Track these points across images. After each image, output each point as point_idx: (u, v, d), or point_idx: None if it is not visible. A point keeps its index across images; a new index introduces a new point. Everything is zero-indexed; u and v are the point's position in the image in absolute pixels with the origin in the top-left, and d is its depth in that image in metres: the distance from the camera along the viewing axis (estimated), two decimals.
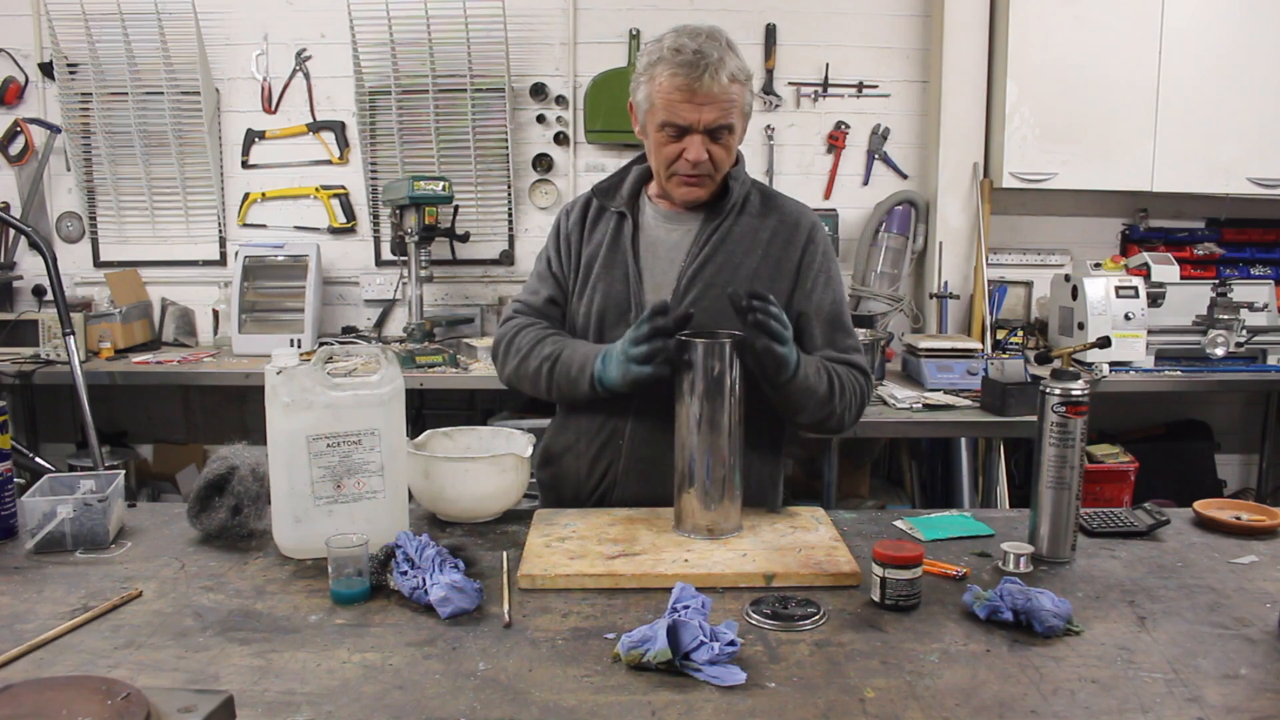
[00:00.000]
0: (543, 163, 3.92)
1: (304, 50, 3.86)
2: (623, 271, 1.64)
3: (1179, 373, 3.40)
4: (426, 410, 3.84)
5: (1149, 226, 4.01)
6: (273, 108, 3.90)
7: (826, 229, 1.71)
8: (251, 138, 3.90)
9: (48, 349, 3.39)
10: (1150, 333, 3.41)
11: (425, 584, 1.20)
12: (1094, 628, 1.15)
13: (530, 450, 1.61)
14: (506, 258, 3.99)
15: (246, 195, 3.93)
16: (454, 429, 1.71)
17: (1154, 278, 3.59)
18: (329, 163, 3.93)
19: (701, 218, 1.65)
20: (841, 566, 1.30)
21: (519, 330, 1.69)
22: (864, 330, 3.06)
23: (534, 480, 1.79)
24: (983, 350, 3.37)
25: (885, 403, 3.01)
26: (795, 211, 1.69)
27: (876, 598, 1.21)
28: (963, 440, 3.37)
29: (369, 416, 1.38)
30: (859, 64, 3.90)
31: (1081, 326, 3.44)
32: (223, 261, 3.97)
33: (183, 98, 3.82)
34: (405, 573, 1.23)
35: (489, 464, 1.53)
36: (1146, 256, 3.74)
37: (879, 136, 3.94)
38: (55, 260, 3.05)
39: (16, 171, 3.87)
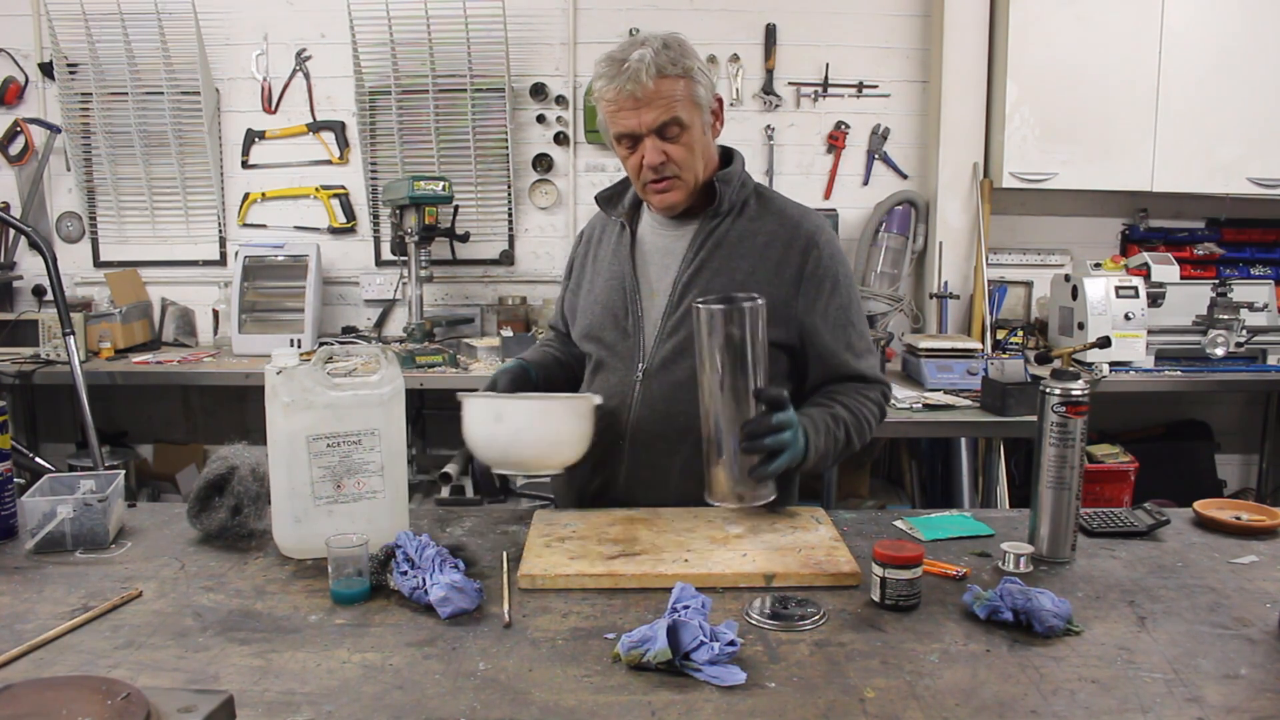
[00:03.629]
0: (543, 163, 3.92)
1: (304, 50, 3.86)
2: (620, 280, 1.66)
3: (1179, 373, 3.40)
4: (426, 410, 3.84)
5: (1149, 226, 4.01)
6: (273, 108, 3.90)
7: (831, 231, 1.66)
8: (251, 138, 3.91)
9: (48, 349, 3.39)
10: (1150, 333, 3.41)
11: (425, 584, 1.20)
12: (1094, 628, 1.15)
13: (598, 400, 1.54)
14: (506, 258, 3.99)
15: (246, 195, 3.94)
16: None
17: (1154, 278, 3.59)
18: (329, 163, 3.93)
19: (697, 223, 1.64)
20: (841, 566, 1.30)
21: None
22: None
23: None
24: (983, 350, 3.38)
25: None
26: (796, 215, 1.65)
27: (876, 598, 1.21)
28: (963, 440, 3.37)
29: (369, 416, 1.38)
30: (859, 64, 3.90)
31: (1081, 326, 3.44)
32: (223, 261, 3.97)
33: (183, 98, 3.82)
34: (405, 573, 1.23)
35: (567, 404, 1.46)
36: (1146, 256, 3.74)
37: (879, 136, 3.94)
38: (55, 260, 3.06)
39: (16, 171, 3.88)
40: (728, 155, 1.68)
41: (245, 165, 3.93)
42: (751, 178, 1.69)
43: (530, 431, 1.42)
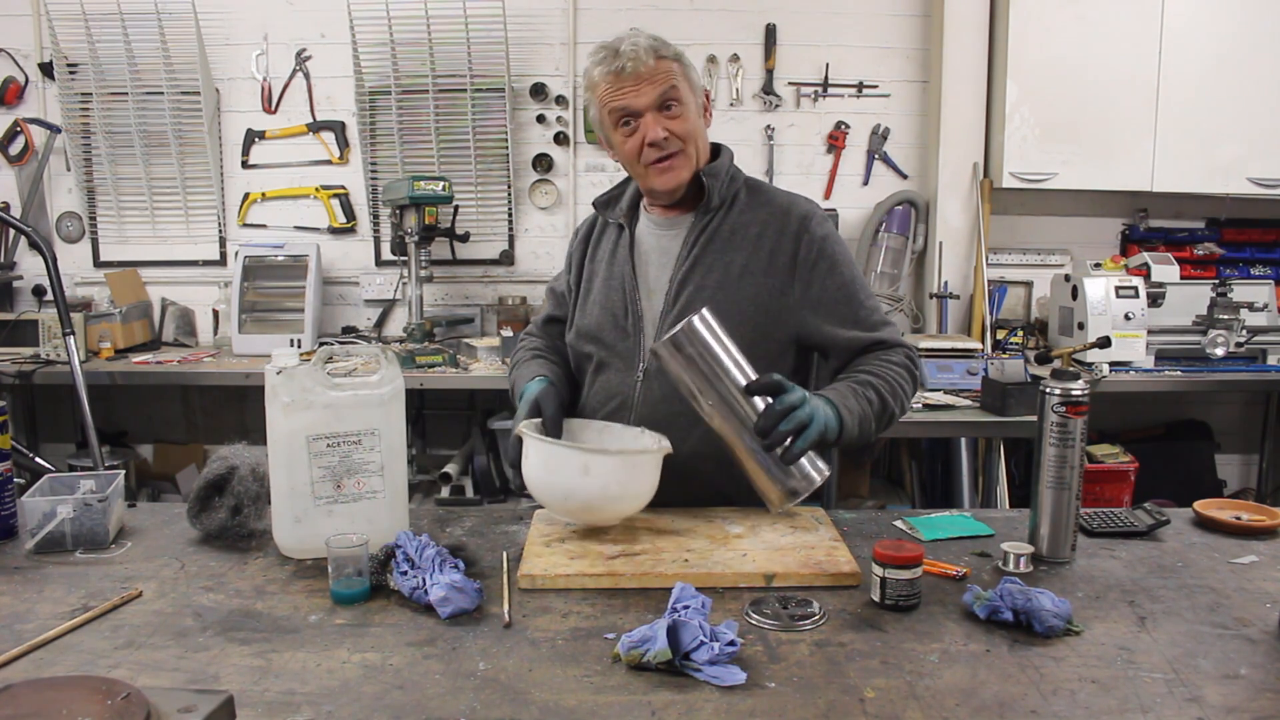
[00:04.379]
0: (543, 163, 3.92)
1: (304, 50, 3.86)
2: (619, 281, 1.66)
3: (1179, 373, 3.40)
4: (426, 410, 3.85)
5: (1149, 226, 4.01)
6: (273, 108, 3.90)
7: (823, 214, 1.65)
8: (251, 138, 3.91)
9: (48, 349, 3.39)
10: (1150, 333, 3.42)
11: (425, 584, 1.20)
12: (1094, 628, 1.15)
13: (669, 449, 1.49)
14: (506, 258, 3.99)
15: (246, 195, 3.94)
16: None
17: (1154, 278, 3.60)
18: (329, 163, 3.93)
19: (690, 221, 1.64)
20: (841, 566, 1.30)
21: (517, 349, 1.83)
22: None
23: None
24: (983, 350, 3.38)
25: None
26: (785, 202, 1.65)
27: (876, 598, 1.21)
28: (963, 440, 3.37)
29: (369, 416, 1.38)
30: (859, 64, 3.90)
31: (1081, 326, 3.45)
32: (223, 261, 3.97)
33: (183, 98, 3.83)
34: (405, 573, 1.23)
35: (653, 459, 1.42)
36: (1146, 256, 3.75)
37: (879, 136, 3.94)
38: (55, 260, 3.05)
39: (16, 171, 3.88)
40: (715, 153, 1.68)
41: (245, 165, 3.93)
42: (741, 171, 1.70)
43: (617, 486, 1.38)
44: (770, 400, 1.37)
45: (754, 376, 1.40)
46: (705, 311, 1.40)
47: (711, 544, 1.39)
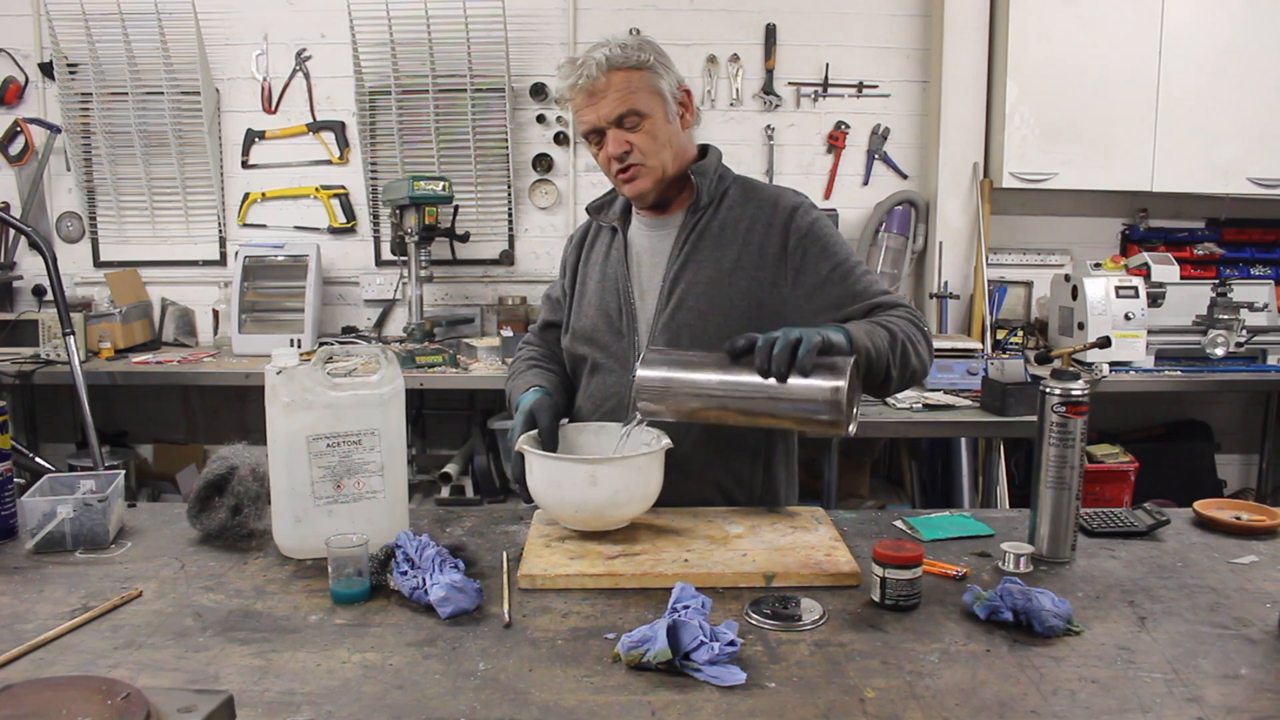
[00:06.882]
0: (543, 163, 3.92)
1: (304, 50, 3.86)
2: (613, 283, 1.67)
3: (1179, 373, 3.40)
4: (426, 410, 3.85)
5: (1149, 226, 4.01)
6: (273, 108, 3.90)
7: (811, 203, 1.64)
8: (251, 138, 3.91)
9: (48, 349, 3.39)
10: (1150, 333, 3.42)
11: (425, 584, 1.20)
12: (1094, 628, 1.15)
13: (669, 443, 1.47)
14: (506, 258, 3.99)
15: (246, 195, 3.94)
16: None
17: (1154, 278, 3.60)
18: (329, 163, 3.93)
19: (681, 220, 1.64)
20: (841, 566, 1.30)
21: (515, 358, 1.83)
22: None
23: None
24: (983, 350, 3.37)
25: (885, 403, 3.01)
26: (773, 196, 1.64)
27: (876, 598, 1.21)
28: (963, 440, 3.38)
29: (369, 416, 1.38)
30: (859, 64, 3.90)
31: (1081, 326, 3.45)
32: (223, 261, 3.97)
33: (183, 98, 3.83)
34: (405, 573, 1.23)
35: (656, 458, 1.41)
36: (1146, 256, 3.75)
37: (879, 136, 3.94)
38: (55, 260, 3.06)
39: (16, 171, 3.88)
40: (703, 153, 1.68)
41: (245, 165, 3.93)
42: (731, 170, 1.69)
43: (626, 491, 1.39)
44: (754, 352, 1.31)
45: (724, 353, 1.35)
46: (642, 359, 1.40)
47: (711, 544, 1.39)
